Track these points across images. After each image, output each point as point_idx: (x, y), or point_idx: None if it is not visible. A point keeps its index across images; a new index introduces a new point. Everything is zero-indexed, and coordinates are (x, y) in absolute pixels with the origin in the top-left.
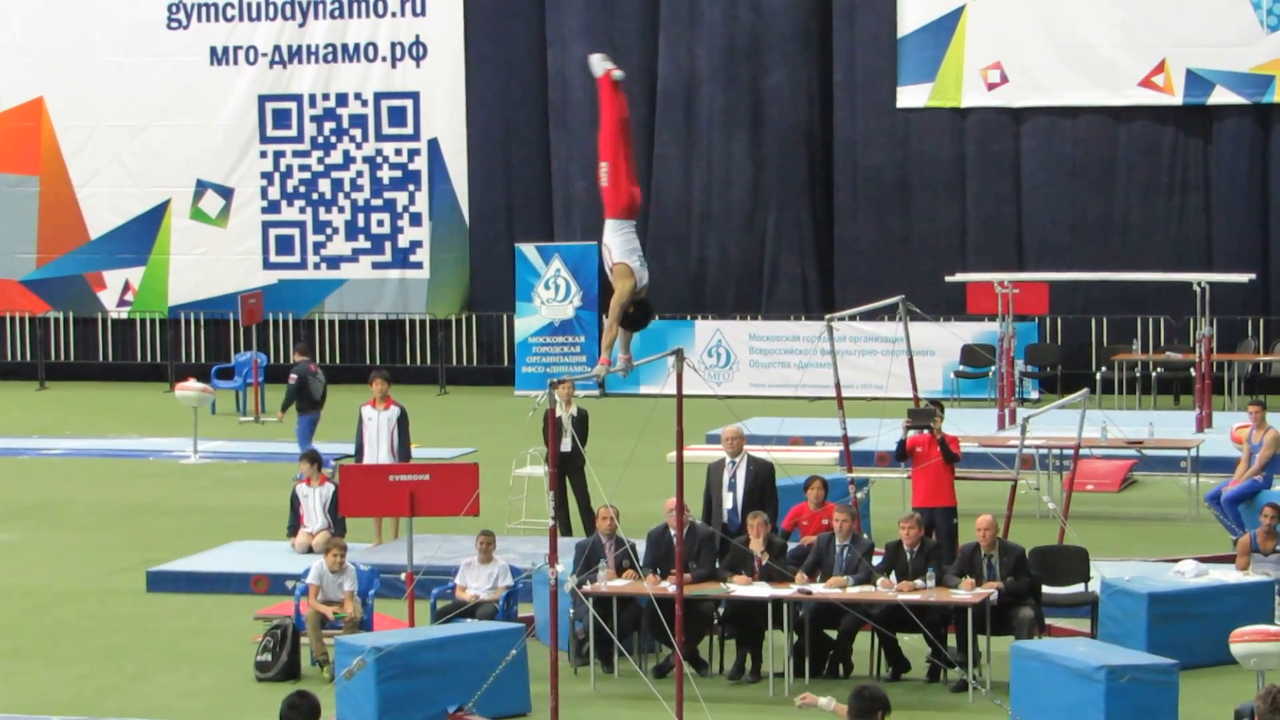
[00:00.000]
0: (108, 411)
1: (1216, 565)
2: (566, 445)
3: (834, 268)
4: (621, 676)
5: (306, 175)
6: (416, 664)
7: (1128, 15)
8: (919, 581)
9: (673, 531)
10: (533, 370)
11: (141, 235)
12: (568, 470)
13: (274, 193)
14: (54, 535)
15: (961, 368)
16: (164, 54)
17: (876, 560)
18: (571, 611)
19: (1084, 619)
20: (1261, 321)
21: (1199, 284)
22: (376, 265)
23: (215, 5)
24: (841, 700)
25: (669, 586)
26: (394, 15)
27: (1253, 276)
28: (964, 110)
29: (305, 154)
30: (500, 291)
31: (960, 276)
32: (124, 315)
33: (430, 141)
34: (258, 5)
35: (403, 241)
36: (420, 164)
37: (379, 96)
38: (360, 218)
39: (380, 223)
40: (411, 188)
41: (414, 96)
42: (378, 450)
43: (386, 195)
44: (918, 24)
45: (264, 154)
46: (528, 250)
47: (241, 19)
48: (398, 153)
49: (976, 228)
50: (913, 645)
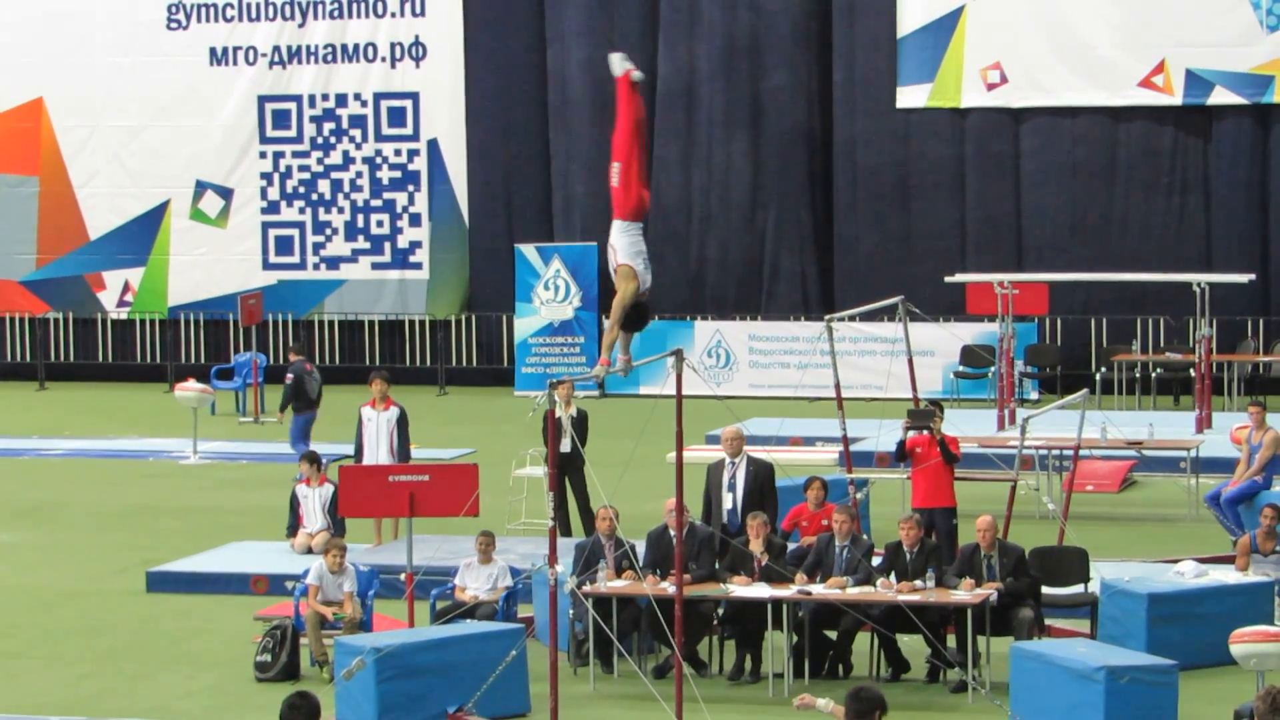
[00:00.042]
0: (107, 412)
1: (1216, 566)
2: (566, 446)
3: (834, 268)
4: (621, 677)
5: (306, 176)
6: (416, 664)
7: (1127, 15)
8: (919, 582)
9: (672, 532)
10: (532, 371)
11: (141, 236)
12: (567, 471)
13: (273, 193)
14: (54, 535)
15: (961, 368)
16: (164, 54)
17: (876, 561)
18: (571, 612)
19: (1084, 620)
20: (1261, 322)
21: (1199, 284)
22: (376, 266)
23: (215, 6)
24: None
25: (668, 587)
26: (393, 15)
27: (1252, 277)
28: (964, 110)
29: (305, 154)
30: (500, 292)
31: (960, 277)
32: (124, 316)
33: (430, 142)
34: (257, 6)
35: (402, 242)
36: (420, 164)
37: (378, 97)
38: (360, 218)
39: (380, 223)
40: (411, 188)
41: (413, 97)
42: (377, 451)
43: (386, 196)
44: (917, 24)
45: (263, 154)
46: (527, 251)
47: (241, 19)
48: (397, 153)
49: (976, 228)
50: (912, 646)
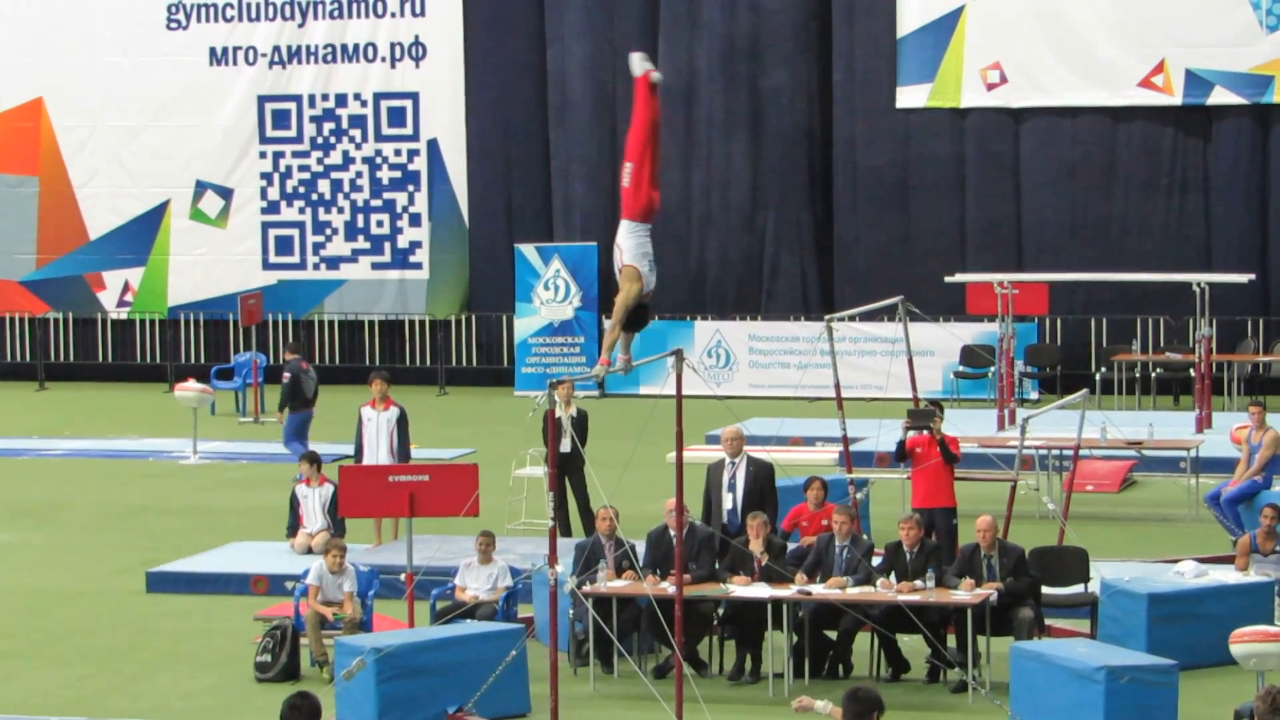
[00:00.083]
0: (107, 412)
1: (1216, 566)
2: (566, 446)
3: (834, 268)
4: (621, 677)
5: (306, 176)
6: (416, 665)
7: (1127, 16)
8: (918, 582)
9: (672, 532)
10: (532, 371)
11: (141, 236)
12: (567, 471)
13: (273, 193)
14: (54, 536)
15: (961, 368)
16: (163, 54)
17: (876, 561)
18: (571, 612)
19: (1084, 620)
20: (1261, 322)
21: (1198, 284)
22: (376, 266)
23: (215, 6)
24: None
25: (668, 587)
26: (393, 15)
27: (1252, 277)
28: (963, 110)
29: (305, 154)
30: (500, 292)
31: (960, 277)
32: (123, 316)
33: (430, 142)
34: (257, 6)
35: (402, 242)
36: (420, 164)
37: (378, 97)
38: (360, 218)
39: (380, 223)
40: (411, 188)
41: (413, 97)
42: (377, 451)
43: (386, 196)
44: (917, 24)
45: (263, 154)
46: (527, 251)
47: (241, 19)
48: (397, 153)
49: (976, 228)
50: (912, 646)
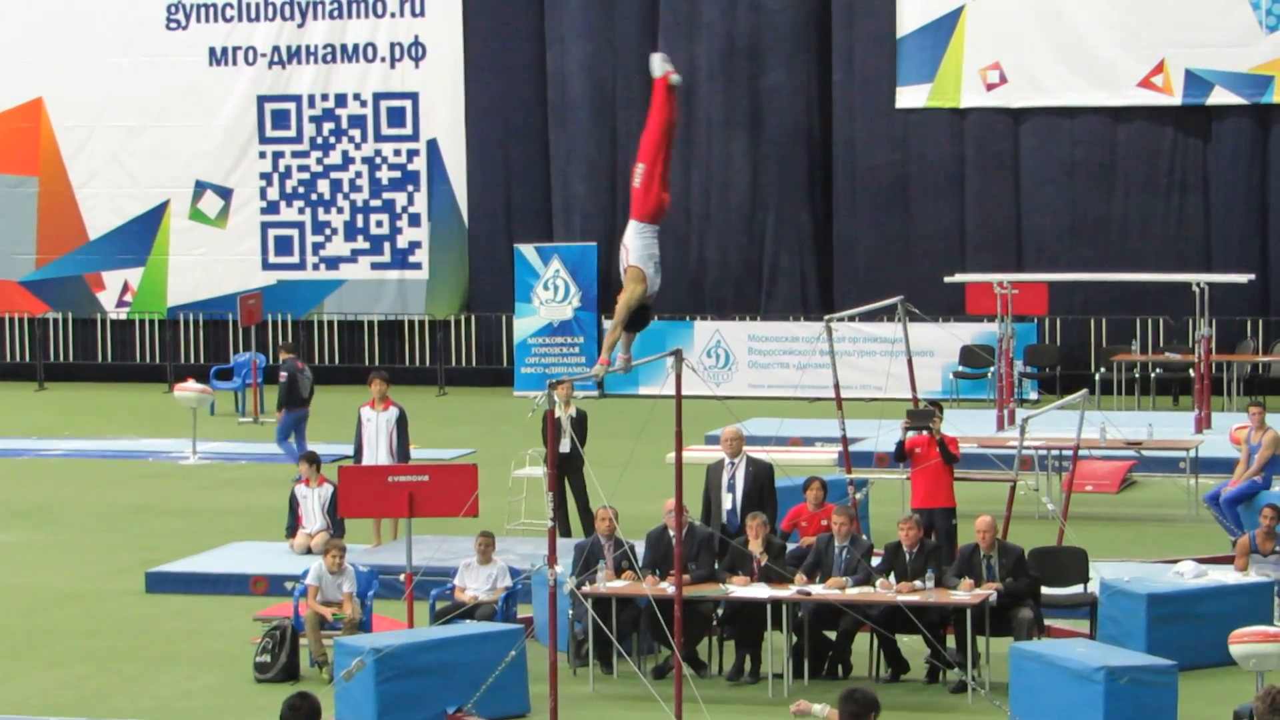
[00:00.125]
0: (107, 412)
1: (1215, 566)
2: (565, 446)
3: (833, 268)
4: (620, 677)
5: (305, 176)
6: (415, 665)
7: (1127, 16)
8: (918, 582)
9: (672, 532)
10: (532, 371)
11: (141, 236)
12: (567, 471)
13: (273, 193)
14: (54, 536)
15: (960, 368)
16: (163, 54)
17: (875, 561)
18: (571, 612)
19: (1083, 620)
20: (1260, 322)
21: (1198, 284)
22: (375, 266)
23: (214, 6)
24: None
25: (668, 587)
26: (393, 16)
27: (1252, 277)
28: (963, 111)
29: (304, 154)
30: (499, 292)
31: (959, 277)
32: (123, 316)
33: (429, 142)
34: (257, 6)
35: (402, 242)
36: (419, 164)
37: (378, 97)
38: (359, 218)
39: (379, 223)
40: (410, 188)
41: (413, 97)
42: (377, 451)
43: (385, 196)
44: (917, 24)
45: (263, 154)
46: (527, 251)
47: (240, 20)
48: (397, 153)
49: (976, 228)
50: (912, 646)
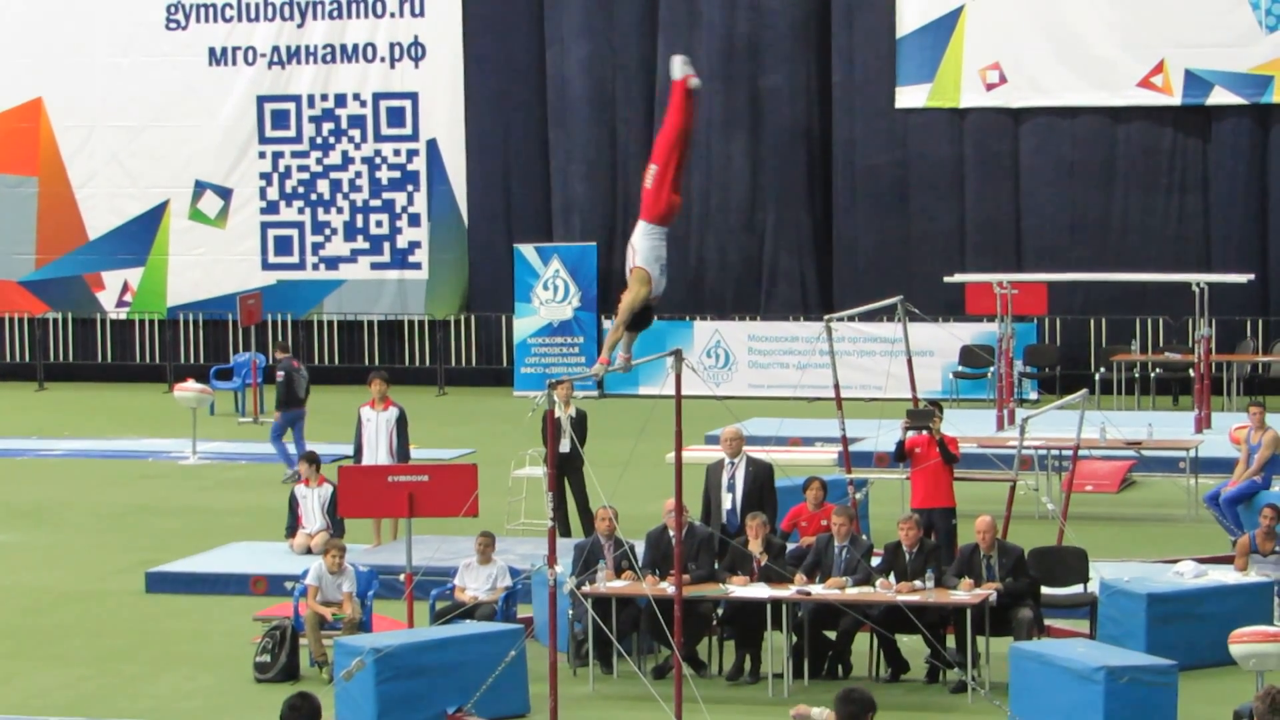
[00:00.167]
0: (107, 412)
1: (1215, 566)
2: (565, 446)
3: (833, 268)
4: (620, 677)
5: (305, 176)
6: (415, 665)
7: (1126, 16)
8: (918, 582)
9: (671, 532)
10: (531, 371)
11: (140, 236)
12: (566, 471)
13: (273, 193)
14: (54, 536)
15: (960, 368)
16: (163, 54)
17: (875, 561)
18: (570, 612)
19: (1083, 620)
20: (1260, 322)
21: (1198, 284)
22: (375, 266)
23: (214, 6)
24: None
25: (668, 587)
26: (392, 16)
27: (1252, 277)
28: (963, 111)
29: (304, 154)
30: (499, 292)
31: (959, 277)
32: (123, 316)
33: (429, 142)
34: (256, 6)
35: (401, 242)
36: (419, 164)
37: (377, 97)
38: (359, 218)
39: (379, 223)
40: (410, 188)
41: (412, 97)
42: (376, 451)
43: (385, 196)
44: (916, 24)
45: (263, 155)
46: (526, 251)
47: (240, 20)
48: (396, 153)
49: (975, 228)
50: (912, 646)
